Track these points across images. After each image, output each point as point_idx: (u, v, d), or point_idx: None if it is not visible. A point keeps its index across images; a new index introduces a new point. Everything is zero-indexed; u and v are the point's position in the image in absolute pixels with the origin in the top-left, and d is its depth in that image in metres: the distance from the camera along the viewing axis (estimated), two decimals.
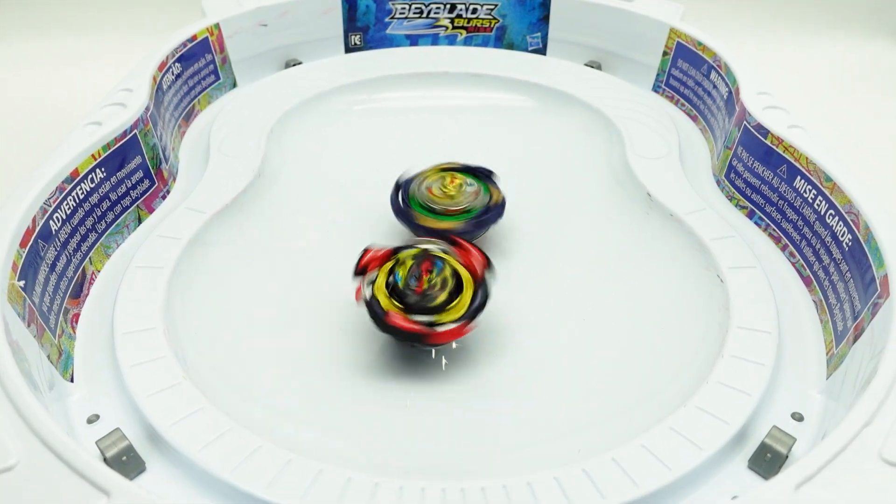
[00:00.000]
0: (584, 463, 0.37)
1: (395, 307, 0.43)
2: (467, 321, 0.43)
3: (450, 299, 0.43)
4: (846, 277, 0.46)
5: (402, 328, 0.42)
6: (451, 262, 0.44)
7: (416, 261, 0.44)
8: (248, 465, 0.37)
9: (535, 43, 0.77)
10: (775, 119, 0.55)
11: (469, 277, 0.44)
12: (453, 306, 0.43)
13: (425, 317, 0.43)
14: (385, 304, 0.43)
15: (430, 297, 0.43)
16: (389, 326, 0.43)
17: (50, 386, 0.41)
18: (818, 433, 0.40)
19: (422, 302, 0.43)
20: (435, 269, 0.43)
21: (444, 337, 0.43)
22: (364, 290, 0.44)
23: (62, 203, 0.48)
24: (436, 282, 0.43)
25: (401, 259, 0.44)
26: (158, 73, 0.61)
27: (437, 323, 0.43)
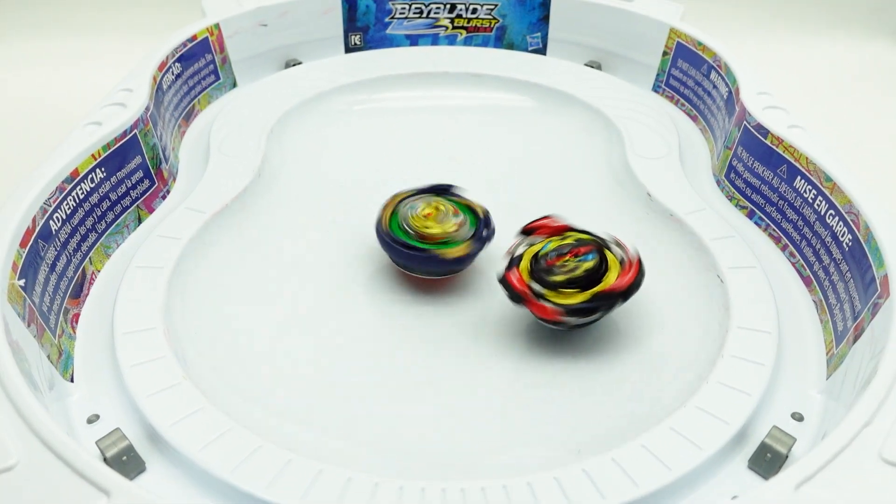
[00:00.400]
0: (584, 463, 0.37)
1: (526, 269, 0.45)
2: (562, 312, 0.44)
3: (567, 285, 0.44)
4: (846, 277, 0.46)
5: (510, 283, 0.45)
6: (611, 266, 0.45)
7: (577, 243, 0.45)
8: (248, 465, 0.37)
9: (535, 43, 0.77)
10: (775, 119, 0.55)
11: (600, 288, 0.44)
12: (566, 293, 0.44)
13: (539, 286, 0.44)
14: (523, 264, 0.45)
15: (552, 272, 0.44)
16: (503, 280, 0.45)
17: (50, 386, 0.41)
18: (818, 433, 0.40)
19: (543, 273, 0.44)
20: (582, 258, 0.44)
21: (535, 308, 0.44)
22: (516, 248, 0.47)
23: (62, 203, 0.48)
24: (572, 266, 0.44)
25: (567, 235, 0.46)
26: (158, 73, 0.61)
27: (544, 297, 0.44)
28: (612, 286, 0.44)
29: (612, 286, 0.44)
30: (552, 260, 0.45)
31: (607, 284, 0.44)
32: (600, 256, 0.45)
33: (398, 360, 0.46)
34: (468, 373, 0.46)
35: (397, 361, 0.46)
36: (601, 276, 0.44)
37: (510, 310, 0.48)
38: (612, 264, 0.45)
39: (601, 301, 0.44)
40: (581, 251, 0.45)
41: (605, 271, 0.44)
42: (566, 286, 0.44)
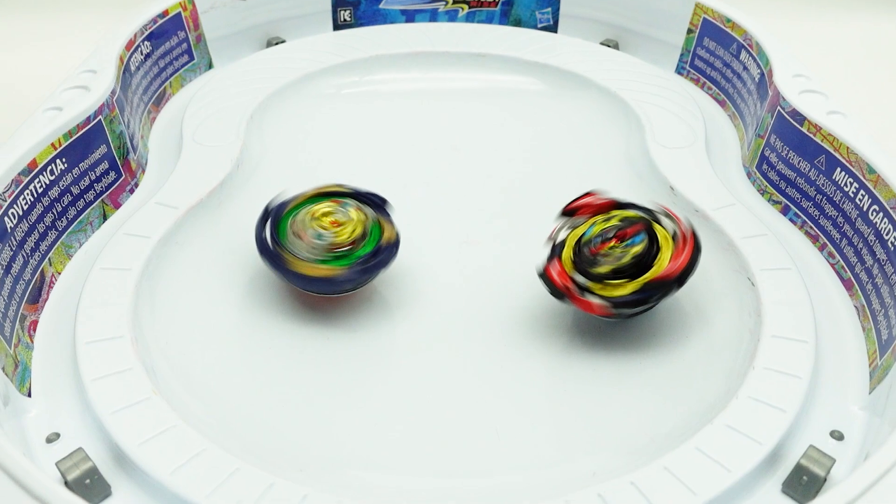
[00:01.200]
0: (600, 487, 0.37)
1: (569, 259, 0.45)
2: (609, 307, 0.43)
3: (613, 276, 0.44)
4: (891, 280, 0.46)
5: (550, 278, 0.45)
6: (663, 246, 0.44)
7: (623, 224, 0.45)
8: (225, 489, 0.37)
9: (545, 19, 0.77)
10: (812, 104, 0.55)
11: (650, 274, 0.44)
12: (614, 284, 0.43)
13: (583, 279, 0.44)
14: (566, 253, 0.45)
15: (597, 262, 0.44)
16: (543, 275, 0.45)
17: (4, 401, 0.41)
18: (860, 453, 0.41)
19: (585, 264, 0.44)
20: (629, 241, 0.44)
21: (580, 304, 0.44)
22: (558, 233, 0.46)
23: (18, 197, 0.48)
24: (618, 253, 0.44)
25: (612, 215, 0.45)
26: (126, 52, 0.61)
27: (589, 290, 0.44)
28: (663, 273, 0.43)
29: (663, 273, 0.43)
30: (596, 247, 0.44)
31: (659, 270, 0.43)
32: (649, 237, 0.44)
33: (387, 367, 0.46)
34: (474, 389, 0.46)
35: (387, 368, 0.46)
36: (652, 260, 0.44)
37: (522, 315, 0.48)
38: (663, 243, 0.44)
39: (653, 290, 0.43)
40: (628, 233, 0.44)
41: (657, 252, 0.44)
42: (613, 276, 0.43)
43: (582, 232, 0.45)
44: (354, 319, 0.49)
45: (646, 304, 0.44)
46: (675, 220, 0.46)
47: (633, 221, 0.45)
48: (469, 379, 0.46)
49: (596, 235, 0.45)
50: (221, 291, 0.51)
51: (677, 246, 0.44)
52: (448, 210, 0.58)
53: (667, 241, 0.44)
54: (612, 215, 0.46)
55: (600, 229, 0.45)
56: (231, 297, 0.51)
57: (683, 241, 0.44)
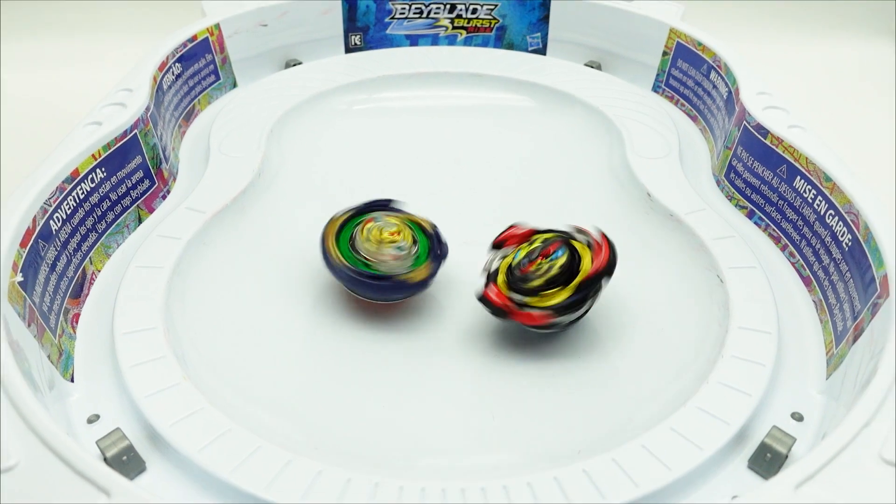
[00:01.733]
0: (584, 463, 0.37)
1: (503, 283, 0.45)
2: (551, 314, 0.44)
3: (547, 287, 0.44)
4: (846, 277, 0.46)
5: (489, 300, 0.45)
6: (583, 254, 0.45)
7: (544, 244, 0.45)
8: (248, 465, 0.37)
9: (535, 43, 0.77)
10: (775, 119, 0.55)
11: (581, 277, 0.44)
12: (550, 294, 0.44)
13: (519, 296, 0.44)
14: (500, 278, 0.45)
15: (529, 279, 0.44)
16: (482, 298, 0.45)
17: (50, 386, 0.41)
18: (818, 433, 0.40)
19: (520, 282, 0.44)
20: (553, 256, 0.44)
21: (521, 318, 0.44)
22: (490, 264, 0.47)
23: (62, 203, 0.48)
24: (545, 267, 0.44)
25: (534, 239, 0.46)
26: (159, 73, 0.61)
27: (527, 304, 0.44)
28: (591, 271, 0.44)
29: (591, 271, 0.44)
30: (525, 267, 0.44)
31: (586, 272, 0.44)
32: (570, 249, 0.45)
33: (398, 362, 0.46)
34: (469, 373, 0.46)
35: (397, 362, 0.46)
36: (578, 267, 0.44)
37: None
38: (583, 252, 0.45)
39: (586, 289, 0.44)
40: (550, 250, 0.44)
41: (580, 260, 0.45)
42: (546, 288, 0.44)
43: (511, 258, 0.46)
44: (364, 310, 0.49)
45: (583, 304, 0.44)
46: (587, 233, 0.46)
47: (551, 241, 0.45)
48: (465, 366, 0.46)
49: (523, 258, 0.45)
50: (244, 287, 0.51)
51: (595, 250, 0.45)
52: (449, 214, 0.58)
53: (585, 250, 0.45)
54: (534, 239, 0.46)
55: (525, 252, 0.45)
56: (253, 292, 0.51)
57: (599, 245, 0.45)
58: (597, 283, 0.44)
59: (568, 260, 0.44)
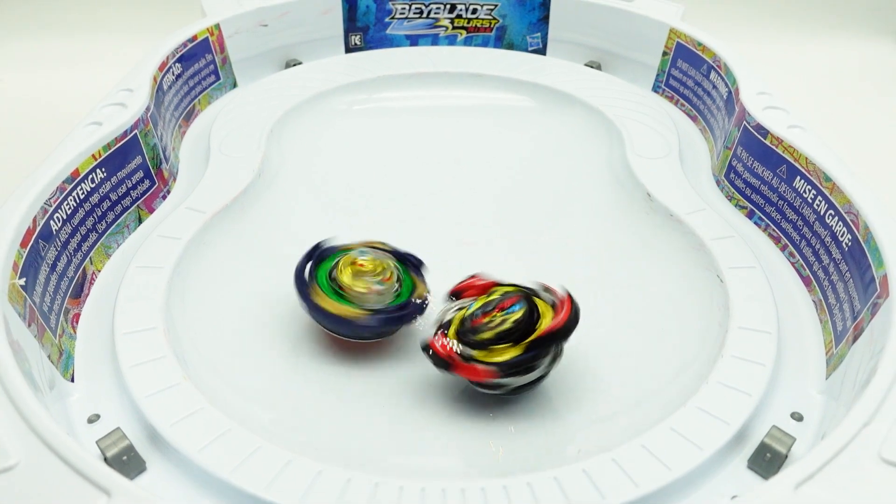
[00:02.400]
0: (584, 463, 0.37)
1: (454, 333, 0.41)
2: (495, 371, 0.40)
3: (497, 341, 0.40)
4: (846, 277, 0.46)
5: (434, 349, 0.41)
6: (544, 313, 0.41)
7: (502, 297, 0.41)
8: (248, 465, 0.37)
9: (535, 43, 0.77)
10: (775, 119, 0.55)
11: (532, 338, 0.40)
12: (498, 350, 0.40)
13: (467, 349, 0.41)
14: (451, 329, 0.42)
15: (479, 330, 0.41)
16: (426, 348, 0.42)
17: (50, 386, 0.41)
18: (818, 433, 0.40)
19: (469, 333, 0.41)
20: (509, 310, 0.41)
21: (464, 371, 0.41)
22: (444, 314, 0.43)
23: (63, 203, 0.48)
24: (498, 320, 0.40)
25: (493, 291, 0.43)
26: (159, 73, 0.61)
27: (473, 358, 0.40)
28: (544, 330, 0.40)
29: (544, 330, 0.40)
30: (478, 319, 0.41)
31: (541, 330, 0.40)
32: (529, 305, 0.41)
33: (398, 361, 0.46)
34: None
35: (397, 362, 0.46)
36: (534, 326, 0.40)
37: None
38: (544, 311, 0.41)
39: (537, 348, 0.40)
40: (507, 304, 0.41)
41: (538, 319, 0.41)
42: (496, 342, 0.40)
43: (465, 310, 0.42)
44: None
45: (532, 367, 0.40)
46: (552, 291, 0.43)
47: (511, 294, 0.42)
48: None
49: (478, 309, 0.41)
50: (244, 287, 0.51)
51: (556, 310, 0.41)
52: (449, 215, 0.58)
53: (547, 309, 0.41)
54: (493, 291, 0.42)
55: (482, 303, 0.41)
56: (253, 292, 0.51)
57: (561, 305, 0.41)
58: (549, 345, 0.40)
59: (524, 316, 0.40)
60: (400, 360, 0.46)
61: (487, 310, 0.41)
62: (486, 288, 0.43)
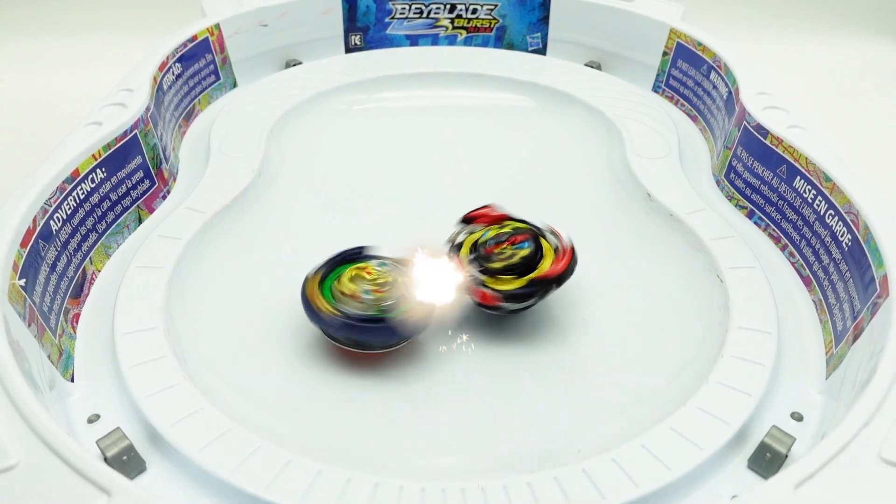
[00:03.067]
0: (584, 463, 0.37)
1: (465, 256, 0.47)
2: (500, 297, 0.45)
3: (504, 272, 0.46)
4: (846, 277, 0.46)
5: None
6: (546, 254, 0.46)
7: (514, 232, 0.47)
8: (248, 465, 0.37)
9: (535, 43, 0.77)
10: (775, 119, 0.55)
11: (535, 274, 0.46)
12: (504, 279, 0.46)
13: (478, 275, 0.46)
14: (463, 251, 0.47)
15: (490, 259, 0.46)
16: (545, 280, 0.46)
17: (50, 386, 0.41)
18: (818, 433, 0.41)
19: (482, 260, 0.46)
20: (518, 246, 0.46)
21: (475, 293, 0.46)
22: (457, 236, 0.48)
23: (63, 203, 0.48)
24: (508, 254, 0.46)
25: (505, 224, 0.48)
26: (159, 73, 0.61)
27: (484, 284, 0.46)
28: (545, 273, 0.46)
29: (545, 273, 0.46)
30: (490, 248, 0.46)
31: (542, 271, 0.46)
32: (536, 245, 0.46)
33: (398, 361, 0.46)
34: (466, 374, 0.46)
35: (397, 362, 0.46)
36: (536, 263, 0.46)
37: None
38: (546, 252, 0.47)
39: (536, 287, 0.45)
40: (518, 240, 0.46)
41: (541, 259, 0.46)
42: (504, 273, 0.45)
43: (479, 236, 0.47)
44: None
45: (528, 299, 0.46)
46: (558, 236, 0.48)
47: (522, 231, 0.47)
48: (464, 366, 0.46)
49: (490, 238, 0.47)
50: (244, 287, 0.51)
51: (557, 255, 0.46)
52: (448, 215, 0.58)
53: (549, 251, 0.47)
54: (506, 225, 0.48)
55: (494, 234, 0.47)
56: (253, 292, 0.51)
57: (563, 253, 0.46)
58: (546, 286, 0.46)
59: (531, 254, 0.46)
60: (400, 360, 0.46)
61: (500, 240, 0.46)
62: (498, 219, 0.48)
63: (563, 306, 0.50)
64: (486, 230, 0.48)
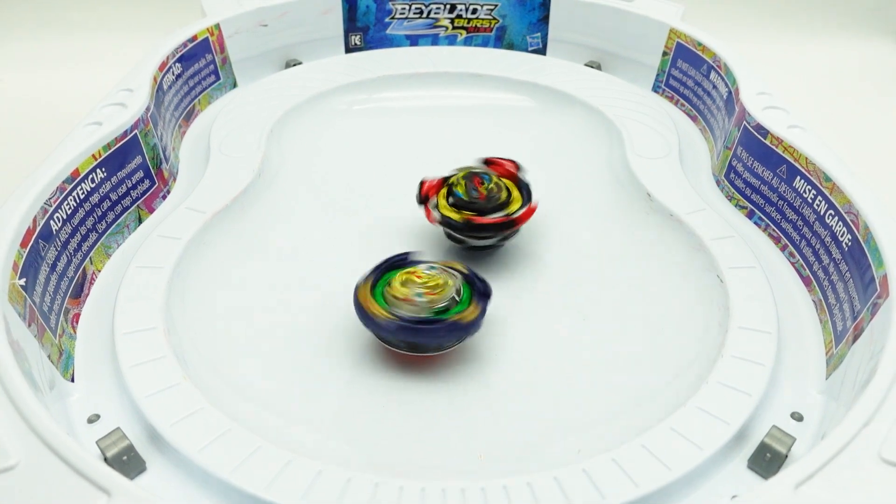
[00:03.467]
0: (584, 463, 0.37)
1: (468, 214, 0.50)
2: (531, 204, 0.51)
3: (509, 193, 0.52)
4: (846, 277, 0.46)
5: (488, 223, 0.50)
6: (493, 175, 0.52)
7: (467, 179, 0.51)
8: (248, 465, 0.37)
9: (535, 43, 0.77)
10: (775, 119, 0.55)
11: (509, 181, 0.53)
12: (514, 198, 0.52)
13: (498, 213, 0.50)
14: (457, 217, 0.50)
15: (495, 197, 0.51)
16: (476, 225, 0.50)
17: (50, 386, 0.41)
18: (818, 433, 0.41)
19: (489, 203, 0.50)
20: (484, 180, 0.51)
21: (524, 217, 0.51)
22: (433, 213, 0.51)
23: (63, 203, 0.48)
24: (491, 187, 0.51)
25: (453, 182, 0.52)
26: (159, 73, 0.61)
27: (511, 213, 0.51)
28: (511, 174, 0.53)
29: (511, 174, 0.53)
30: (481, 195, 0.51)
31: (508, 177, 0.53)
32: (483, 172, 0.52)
33: (398, 363, 0.46)
34: (468, 374, 0.46)
35: (397, 364, 0.46)
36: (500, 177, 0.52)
37: (506, 308, 0.48)
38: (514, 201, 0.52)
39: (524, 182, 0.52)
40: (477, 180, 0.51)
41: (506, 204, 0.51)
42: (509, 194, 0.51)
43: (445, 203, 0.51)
44: None
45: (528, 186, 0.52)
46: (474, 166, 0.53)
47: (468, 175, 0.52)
48: (465, 366, 0.46)
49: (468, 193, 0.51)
50: (244, 287, 0.51)
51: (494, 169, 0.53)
52: None
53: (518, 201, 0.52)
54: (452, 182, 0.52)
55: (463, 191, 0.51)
56: (252, 292, 0.51)
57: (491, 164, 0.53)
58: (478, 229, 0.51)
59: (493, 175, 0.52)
60: (399, 360, 0.46)
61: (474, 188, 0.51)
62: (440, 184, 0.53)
63: (563, 306, 0.50)
64: (448, 195, 0.51)
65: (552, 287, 0.51)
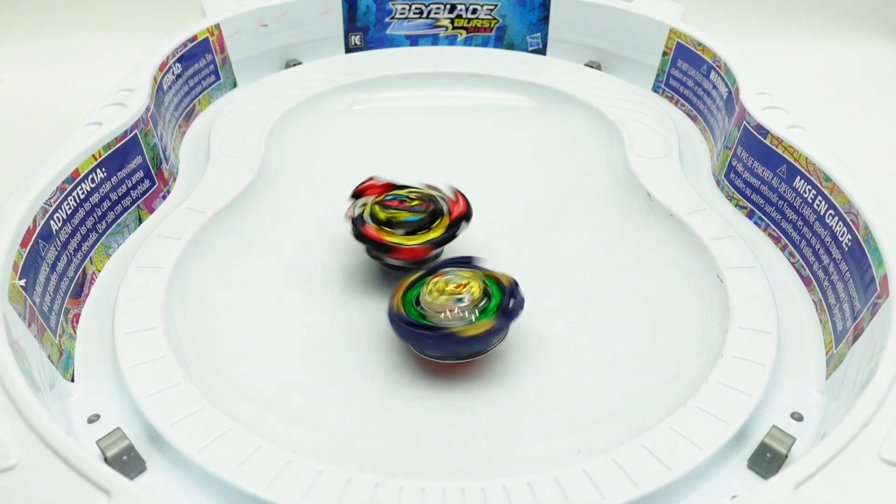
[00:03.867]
0: (584, 463, 0.37)
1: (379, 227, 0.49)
2: (430, 248, 0.49)
3: (420, 229, 0.49)
4: (846, 277, 0.46)
5: (371, 237, 0.49)
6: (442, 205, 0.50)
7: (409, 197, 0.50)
8: (248, 465, 0.37)
9: (535, 43, 0.77)
10: (775, 119, 0.55)
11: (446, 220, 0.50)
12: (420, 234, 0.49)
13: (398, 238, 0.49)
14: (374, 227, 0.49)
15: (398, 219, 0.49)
16: (363, 236, 0.49)
17: (50, 386, 0.41)
18: (818, 433, 0.41)
19: (393, 222, 0.49)
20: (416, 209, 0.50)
21: (401, 253, 0.48)
22: (354, 210, 0.51)
23: (63, 203, 0.48)
24: (413, 204, 0.50)
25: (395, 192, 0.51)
26: (159, 73, 0.61)
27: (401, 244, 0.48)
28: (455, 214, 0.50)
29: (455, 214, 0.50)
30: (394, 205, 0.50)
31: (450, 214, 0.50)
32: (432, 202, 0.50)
33: (398, 363, 0.46)
34: (467, 374, 0.46)
35: (397, 364, 0.46)
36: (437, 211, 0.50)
37: None
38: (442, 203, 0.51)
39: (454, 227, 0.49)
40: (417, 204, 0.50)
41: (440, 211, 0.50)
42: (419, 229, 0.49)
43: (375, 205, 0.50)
44: (367, 310, 0.49)
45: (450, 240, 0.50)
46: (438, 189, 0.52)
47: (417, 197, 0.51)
48: (465, 366, 0.46)
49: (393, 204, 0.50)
50: (244, 287, 0.51)
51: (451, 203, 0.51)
52: None
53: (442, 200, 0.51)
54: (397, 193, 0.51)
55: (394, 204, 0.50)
56: (253, 292, 0.51)
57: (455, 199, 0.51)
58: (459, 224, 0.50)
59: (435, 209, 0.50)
60: (399, 361, 0.46)
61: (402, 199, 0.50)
62: (385, 188, 0.52)
63: (562, 306, 0.50)
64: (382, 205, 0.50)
65: (552, 287, 0.51)
